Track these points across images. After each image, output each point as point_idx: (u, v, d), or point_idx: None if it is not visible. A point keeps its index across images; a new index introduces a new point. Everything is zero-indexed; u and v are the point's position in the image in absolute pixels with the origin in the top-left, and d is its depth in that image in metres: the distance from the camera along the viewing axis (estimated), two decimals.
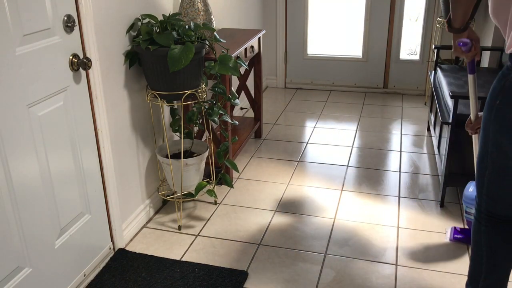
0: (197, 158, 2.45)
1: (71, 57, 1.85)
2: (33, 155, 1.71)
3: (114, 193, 2.20)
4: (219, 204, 2.71)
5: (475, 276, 1.75)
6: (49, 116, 1.77)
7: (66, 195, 1.90)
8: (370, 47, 4.44)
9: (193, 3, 2.49)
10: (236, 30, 3.27)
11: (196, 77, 2.28)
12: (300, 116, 4.04)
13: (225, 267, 2.16)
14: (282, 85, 4.81)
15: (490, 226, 1.64)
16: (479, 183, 1.65)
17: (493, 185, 1.60)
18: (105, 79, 2.08)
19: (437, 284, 2.06)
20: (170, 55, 2.08)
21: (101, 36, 2.01)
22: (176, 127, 2.51)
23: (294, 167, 3.13)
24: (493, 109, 1.51)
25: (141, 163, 2.46)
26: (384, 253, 2.26)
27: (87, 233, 2.06)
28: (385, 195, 2.77)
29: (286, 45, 4.66)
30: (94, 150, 2.06)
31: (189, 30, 2.21)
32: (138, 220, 2.45)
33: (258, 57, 3.33)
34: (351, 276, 2.12)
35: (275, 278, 2.11)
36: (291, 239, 2.39)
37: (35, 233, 1.75)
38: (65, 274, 1.94)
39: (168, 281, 2.06)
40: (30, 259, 1.74)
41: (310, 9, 4.51)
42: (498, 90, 1.49)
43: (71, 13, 1.82)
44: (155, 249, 2.31)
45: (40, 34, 1.69)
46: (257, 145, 3.48)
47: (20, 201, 1.66)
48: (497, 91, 1.50)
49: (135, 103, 2.34)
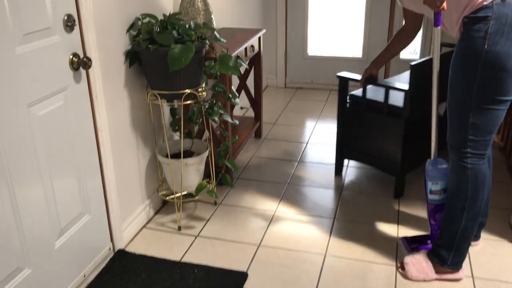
0: (197, 158, 2.44)
1: (71, 57, 1.84)
2: (33, 155, 1.70)
3: (114, 193, 2.19)
4: (219, 204, 2.70)
5: (455, 216, 2.00)
6: (49, 116, 1.76)
7: (66, 196, 1.89)
8: (370, 47, 4.43)
9: (193, 2, 2.49)
10: (236, 30, 3.26)
11: (196, 76, 2.28)
12: (300, 116, 4.03)
13: (225, 268, 2.16)
14: (282, 85, 4.80)
15: (474, 163, 1.94)
16: (462, 128, 1.92)
17: (478, 123, 1.89)
18: (105, 79, 2.07)
19: (437, 284, 2.06)
20: (170, 54, 2.07)
21: (101, 36, 2.00)
22: (176, 127, 2.51)
23: (294, 167, 3.12)
24: (481, 54, 1.80)
25: (141, 163, 2.45)
26: (384, 253, 2.26)
27: (87, 234, 2.05)
28: (383, 195, 2.77)
29: (286, 45, 4.66)
30: (94, 150, 2.05)
31: (189, 30, 2.20)
32: (138, 220, 2.45)
33: (258, 57, 3.32)
34: (351, 276, 2.12)
35: (275, 279, 2.11)
36: (291, 239, 2.38)
37: (35, 233, 1.74)
38: (65, 274, 1.94)
39: (168, 282, 2.06)
40: (30, 260, 1.73)
41: (310, 9, 4.51)
42: (481, 40, 1.79)
43: (71, 12, 1.82)
44: (155, 250, 2.30)
45: (40, 33, 1.68)
46: (257, 145, 3.47)
47: (20, 201, 1.65)
48: (479, 41, 1.79)
49: (135, 102, 2.33)
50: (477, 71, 1.83)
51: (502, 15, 1.76)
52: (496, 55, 1.79)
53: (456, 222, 2.01)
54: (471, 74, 1.85)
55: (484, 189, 1.98)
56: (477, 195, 1.97)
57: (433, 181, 2.12)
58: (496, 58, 1.79)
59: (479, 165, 1.95)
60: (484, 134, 1.92)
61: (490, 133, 1.94)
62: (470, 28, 1.84)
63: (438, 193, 2.13)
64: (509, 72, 1.80)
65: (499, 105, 1.87)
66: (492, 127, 1.92)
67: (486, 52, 1.80)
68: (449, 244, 2.04)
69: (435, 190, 2.14)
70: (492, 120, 1.91)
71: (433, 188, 2.14)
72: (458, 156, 1.97)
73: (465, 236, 2.01)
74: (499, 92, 1.84)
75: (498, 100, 1.85)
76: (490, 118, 1.90)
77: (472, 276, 2.11)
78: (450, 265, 2.06)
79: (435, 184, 2.13)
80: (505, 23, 1.76)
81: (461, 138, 1.95)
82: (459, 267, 2.08)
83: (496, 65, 1.80)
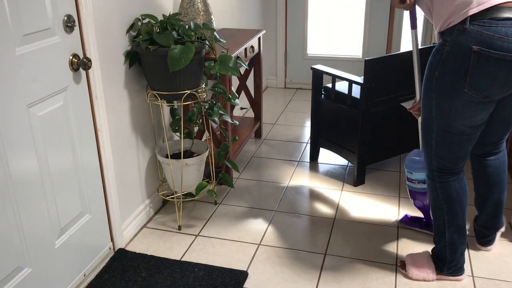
0: (197, 158, 2.45)
1: (71, 57, 1.85)
2: (33, 155, 1.71)
3: (114, 193, 2.20)
4: (219, 204, 2.71)
5: (440, 230, 2.01)
6: (49, 116, 1.77)
7: (66, 195, 1.90)
8: (370, 47, 4.43)
9: (193, 3, 2.49)
10: (236, 30, 3.27)
11: (196, 77, 2.28)
12: (300, 116, 4.04)
13: (225, 267, 2.16)
14: (282, 85, 4.81)
15: (443, 181, 1.94)
16: (428, 146, 1.92)
17: (439, 145, 1.88)
18: (105, 79, 2.08)
19: (437, 284, 2.06)
20: (170, 55, 2.08)
21: (101, 36, 2.01)
22: (176, 127, 2.51)
23: (294, 167, 3.13)
24: (433, 80, 1.77)
25: (141, 163, 2.46)
26: (384, 253, 2.26)
27: (87, 233, 2.06)
28: (385, 195, 2.77)
29: (286, 45, 4.66)
30: (94, 150, 2.06)
31: (189, 30, 2.21)
32: (138, 220, 2.45)
33: (258, 57, 3.33)
34: (351, 276, 2.12)
35: (275, 278, 2.11)
36: (291, 239, 2.39)
37: (35, 233, 1.75)
38: (65, 274, 1.94)
39: (168, 281, 2.06)
40: (30, 259, 1.74)
41: (310, 9, 4.51)
42: (435, 63, 1.75)
43: (71, 13, 1.82)
44: (155, 249, 2.31)
45: (40, 34, 1.69)
46: (257, 145, 3.48)
47: (20, 201, 1.66)
48: (435, 64, 1.76)
49: (135, 103, 2.34)
50: (432, 95, 1.80)
51: (457, 43, 1.67)
52: (443, 84, 1.74)
53: (442, 236, 2.01)
54: (429, 96, 1.82)
55: (461, 204, 1.94)
56: (453, 210, 1.94)
57: (407, 169, 2.24)
58: (443, 88, 1.75)
59: (448, 182, 1.92)
60: (447, 156, 1.89)
61: (455, 158, 1.89)
62: (435, 48, 1.78)
63: (413, 182, 2.24)
64: (456, 104, 1.73)
65: (455, 135, 1.82)
66: (455, 154, 1.88)
67: (436, 79, 1.76)
68: (442, 256, 2.04)
69: (410, 178, 2.25)
70: (453, 147, 1.86)
71: (408, 176, 2.26)
72: (428, 172, 1.98)
73: (454, 248, 2.00)
74: (452, 123, 1.79)
75: (452, 129, 1.81)
76: (450, 144, 1.85)
77: (472, 275, 2.11)
78: (448, 273, 2.06)
79: (409, 173, 2.24)
80: (459, 53, 1.67)
81: (427, 156, 1.94)
82: (460, 273, 2.06)
83: (443, 95, 1.75)
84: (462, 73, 1.68)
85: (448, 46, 1.70)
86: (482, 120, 1.81)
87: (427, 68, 1.81)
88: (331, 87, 2.94)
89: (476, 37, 1.63)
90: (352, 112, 2.77)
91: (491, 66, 1.64)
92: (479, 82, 1.67)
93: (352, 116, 2.77)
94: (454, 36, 1.68)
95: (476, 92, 1.69)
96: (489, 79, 1.66)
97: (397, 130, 2.85)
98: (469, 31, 1.64)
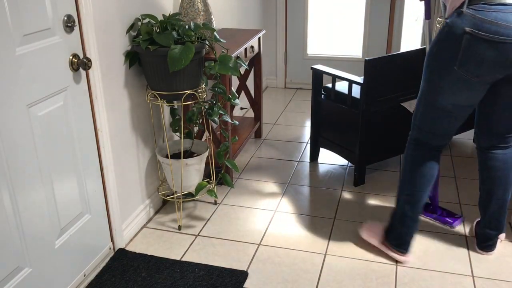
0: (197, 158, 2.45)
1: (71, 57, 1.85)
2: (33, 155, 1.71)
3: (114, 193, 2.20)
4: (219, 204, 2.71)
5: (397, 197, 2.18)
6: (49, 116, 1.77)
7: (66, 195, 1.90)
8: (370, 47, 4.43)
9: (193, 3, 2.49)
10: (236, 30, 3.27)
11: (196, 77, 2.28)
12: (300, 116, 4.04)
13: (225, 267, 2.16)
14: (282, 85, 4.81)
15: (415, 149, 2.11)
16: (414, 116, 2.09)
17: (422, 117, 2.04)
18: (105, 79, 2.08)
19: (437, 284, 2.06)
20: (170, 55, 2.08)
21: (101, 36, 2.01)
22: (176, 127, 2.51)
23: (294, 167, 3.13)
24: (430, 56, 1.92)
25: (141, 163, 2.46)
26: (384, 253, 2.26)
27: (87, 233, 2.06)
28: (385, 195, 2.77)
29: (286, 45, 4.66)
30: (94, 150, 2.06)
31: (189, 30, 2.21)
32: (138, 220, 2.45)
33: (258, 57, 3.33)
34: (351, 276, 2.12)
35: (275, 278, 2.11)
36: (291, 239, 2.39)
37: (35, 233, 1.75)
38: (65, 274, 1.94)
39: (168, 281, 2.06)
40: (30, 259, 1.74)
41: (310, 9, 4.51)
42: (435, 42, 1.89)
43: (71, 13, 1.82)
44: (155, 249, 2.31)
45: (40, 34, 1.69)
46: (257, 145, 3.48)
47: (20, 201, 1.66)
48: (434, 42, 1.89)
49: (135, 103, 2.34)
50: (428, 69, 1.95)
51: (454, 24, 1.80)
52: (437, 61, 1.89)
53: (397, 203, 2.17)
54: (425, 70, 1.97)
55: (423, 178, 2.09)
56: (414, 181, 2.10)
57: None
58: (436, 64, 1.90)
59: (419, 154, 2.10)
60: (426, 128, 2.05)
61: (431, 132, 2.05)
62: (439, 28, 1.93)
63: None
64: (445, 79, 1.87)
65: (437, 109, 1.98)
66: (432, 128, 2.04)
67: (433, 55, 1.91)
68: (391, 222, 2.19)
69: None
70: (433, 121, 2.03)
71: None
72: (408, 141, 2.16)
73: (402, 220, 2.14)
74: (437, 97, 1.94)
75: (435, 103, 1.96)
76: (431, 118, 2.02)
77: (472, 275, 2.11)
78: (391, 243, 2.19)
79: None
80: (454, 33, 1.80)
81: (412, 121, 2.11)
82: (402, 250, 2.17)
83: (435, 70, 1.91)
84: (455, 52, 1.81)
85: (446, 27, 1.84)
86: (468, 102, 1.93)
87: (431, 44, 1.97)
88: (331, 87, 2.94)
89: (470, 19, 1.76)
90: (352, 112, 2.77)
91: (480, 47, 1.76)
92: (468, 61, 1.80)
93: (352, 116, 2.77)
94: (452, 18, 1.82)
95: (465, 70, 1.81)
96: (479, 59, 1.78)
97: (397, 130, 2.85)
98: (465, 14, 1.77)
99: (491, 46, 1.75)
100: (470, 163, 3.12)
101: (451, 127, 2.04)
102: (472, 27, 1.75)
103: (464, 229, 2.43)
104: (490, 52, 1.76)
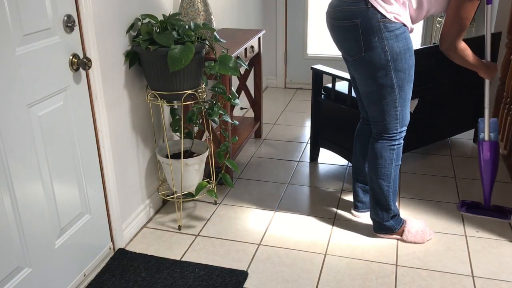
0: (197, 158, 2.45)
1: (71, 57, 1.85)
2: (33, 155, 1.71)
3: (114, 193, 2.20)
4: (219, 204, 2.71)
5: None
6: (49, 116, 1.77)
7: (66, 195, 1.90)
8: None
9: (193, 3, 2.49)
10: (236, 30, 3.27)
11: (196, 77, 2.28)
12: (300, 116, 4.04)
13: (225, 267, 2.16)
14: (282, 85, 4.81)
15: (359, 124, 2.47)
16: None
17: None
18: (105, 79, 2.08)
19: (437, 284, 2.06)
20: (170, 55, 2.08)
21: (101, 36, 2.01)
22: (176, 127, 2.51)
23: (294, 167, 3.13)
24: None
25: (141, 163, 2.46)
26: (384, 253, 2.26)
27: (87, 233, 2.06)
28: None
29: (286, 45, 4.66)
30: (94, 150, 2.06)
31: (189, 30, 2.21)
32: (138, 220, 2.45)
33: (258, 57, 3.33)
34: (351, 276, 2.12)
35: (275, 278, 2.11)
36: (291, 239, 2.39)
37: (35, 233, 1.75)
38: (65, 274, 1.94)
39: (168, 281, 2.06)
40: (30, 259, 1.74)
41: (310, 9, 4.51)
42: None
43: (71, 13, 1.82)
44: (155, 249, 2.31)
45: (40, 34, 1.69)
46: (257, 145, 3.48)
47: (20, 201, 1.66)
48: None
49: (135, 103, 2.34)
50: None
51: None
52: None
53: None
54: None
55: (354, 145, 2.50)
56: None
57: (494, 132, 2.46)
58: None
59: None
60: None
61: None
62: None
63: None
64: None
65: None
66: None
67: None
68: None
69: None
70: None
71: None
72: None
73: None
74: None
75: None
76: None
77: (472, 275, 2.12)
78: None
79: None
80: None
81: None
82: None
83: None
84: None
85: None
86: (353, 80, 2.31)
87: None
88: (331, 87, 2.94)
89: None
90: (352, 112, 2.77)
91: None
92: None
93: (352, 116, 2.77)
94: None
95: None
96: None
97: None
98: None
99: (329, 28, 2.34)
100: (470, 163, 3.12)
101: (362, 105, 2.39)
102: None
103: (464, 229, 2.43)
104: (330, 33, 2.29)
